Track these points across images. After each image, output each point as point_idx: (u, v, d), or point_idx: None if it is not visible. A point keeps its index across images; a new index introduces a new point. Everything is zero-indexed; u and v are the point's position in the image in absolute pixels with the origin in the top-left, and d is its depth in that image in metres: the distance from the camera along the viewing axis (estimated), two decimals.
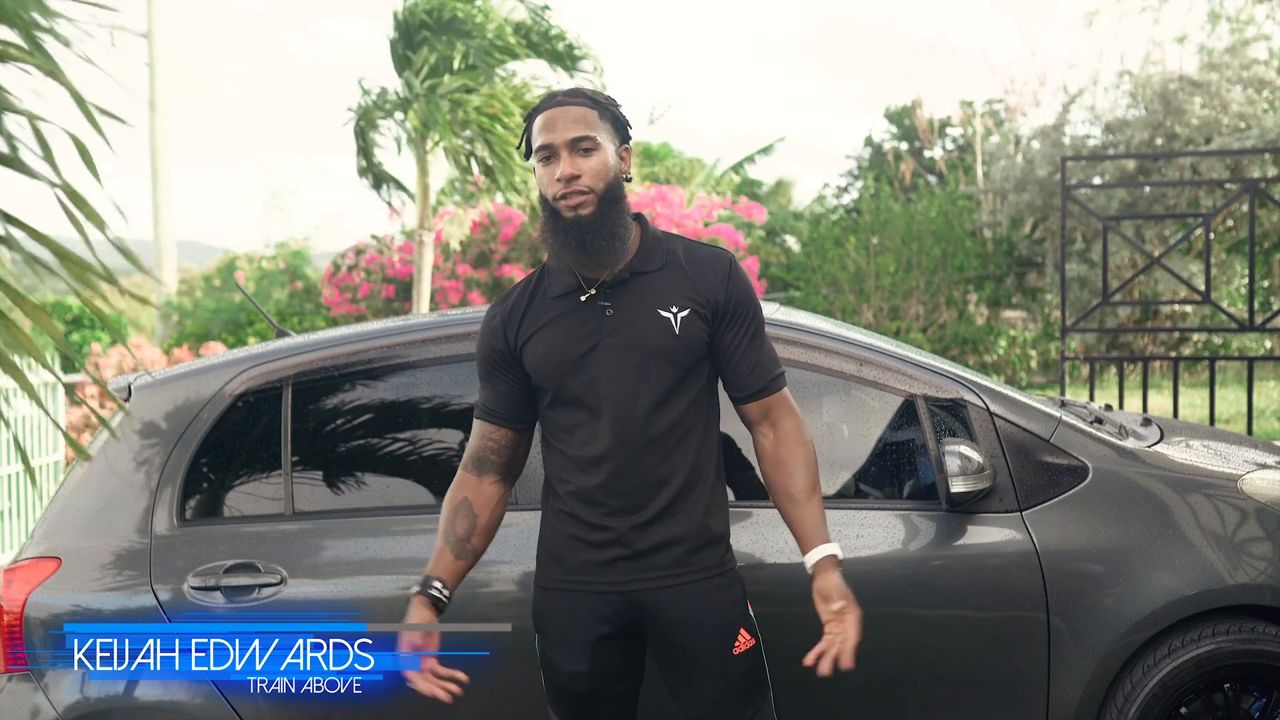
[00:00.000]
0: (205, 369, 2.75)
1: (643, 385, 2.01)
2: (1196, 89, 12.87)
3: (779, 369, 2.12)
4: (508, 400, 2.11)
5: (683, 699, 2.09)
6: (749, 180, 20.65)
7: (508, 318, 2.10)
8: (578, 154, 1.99)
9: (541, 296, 2.09)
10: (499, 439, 2.12)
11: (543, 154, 2.02)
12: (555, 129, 2.00)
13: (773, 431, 2.10)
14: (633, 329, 2.02)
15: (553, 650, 2.10)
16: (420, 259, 9.29)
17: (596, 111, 2.03)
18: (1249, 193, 6.26)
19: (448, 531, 2.11)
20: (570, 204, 1.99)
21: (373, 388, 2.73)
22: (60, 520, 2.64)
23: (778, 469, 2.08)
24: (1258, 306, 13.21)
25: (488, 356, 2.12)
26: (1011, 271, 14.70)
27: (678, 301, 2.04)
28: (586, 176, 1.99)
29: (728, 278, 2.07)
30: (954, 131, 22.48)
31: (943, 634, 2.57)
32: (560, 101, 2.03)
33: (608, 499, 2.03)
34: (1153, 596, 2.56)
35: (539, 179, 2.05)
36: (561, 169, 1.99)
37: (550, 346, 2.04)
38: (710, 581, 2.06)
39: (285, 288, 15.42)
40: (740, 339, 2.07)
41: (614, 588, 2.04)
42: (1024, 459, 2.62)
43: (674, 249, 2.09)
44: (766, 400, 2.09)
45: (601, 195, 2.00)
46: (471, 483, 2.13)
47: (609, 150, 2.02)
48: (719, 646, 2.05)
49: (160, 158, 16.74)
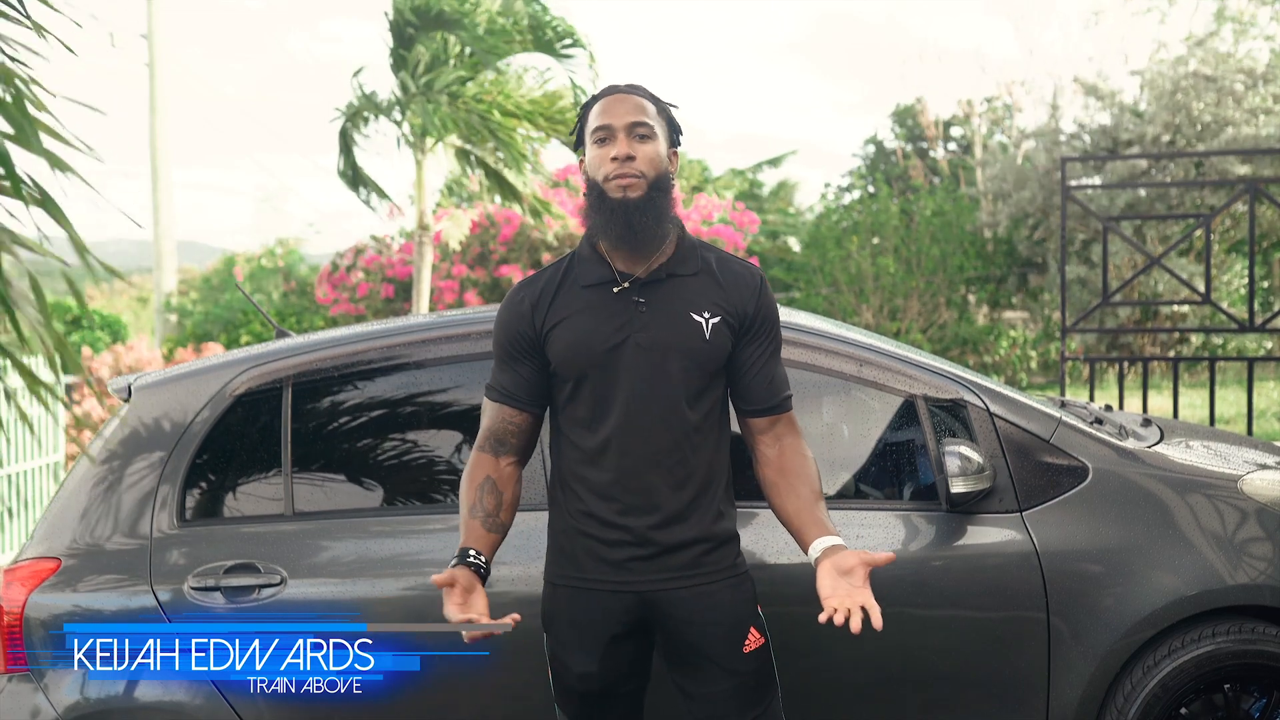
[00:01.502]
0: (205, 369, 2.75)
1: (668, 385, 2.02)
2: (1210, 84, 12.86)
3: (790, 390, 2.16)
4: (528, 384, 2.10)
5: (693, 697, 2.09)
6: (750, 181, 20.64)
7: (537, 301, 2.08)
8: (634, 139, 2.03)
9: (572, 283, 2.09)
10: (519, 422, 2.11)
11: (599, 135, 2.04)
12: (615, 112, 2.04)
13: (778, 444, 2.12)
14: (665, 328, 2.03)
15: (563, 649, 2.10)
16: (420, 259, 9.29)
17: (655, 106, 2.08)
18: (1249, 193, 6.26)
19: (475, 506, 2.06)
20: (621, 183, 2.01)
21: (373, 388, 2.73)
22: (60, 520, 2.64)
23: (783, 475, 2.09)
24: (1258, 307, 13.22)
25: (512, 339, 2.10)
26: (1012, 272, 14.70)
27: (709, 308, 2.06)
28: (641, 160, 2.02)
29: (758, 293, 2.11)
30: (956, 132, 22.48)
31: (943, 634, 2.57)
32: (622, 90, 2.08)
33: (623, 496, 2.03)
34: (1153, 597, 2.56)
35: (590, 161, 2.06)
36: (618, 148, 2.01)
37: (579, 335, 2.03)
38: (723, 581, 2.07)
39: (280, 287, 15.43)
40: (762, 354, 2.11)
41: (627, 587, 2.05)
42: (1024, 459, 2.62)
43: (708, 258, 2.12)
44: (776, 417, 2.12)
45: (652, 182, 2.03)
46: (490, 462, 2.10)
47: (662, 143, 2.07)
48: (730, 645, 2.06)
49: (160, 158, 16.72)
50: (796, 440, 2.13)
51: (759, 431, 2.13)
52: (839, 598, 1.92)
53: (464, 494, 2.09)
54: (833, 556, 1.97)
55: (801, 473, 2.08)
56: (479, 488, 2.08)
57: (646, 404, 2.02)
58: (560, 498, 2.11)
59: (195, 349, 11.23)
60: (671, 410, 2.02)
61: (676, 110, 2.15)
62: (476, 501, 2.07)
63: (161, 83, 16.61)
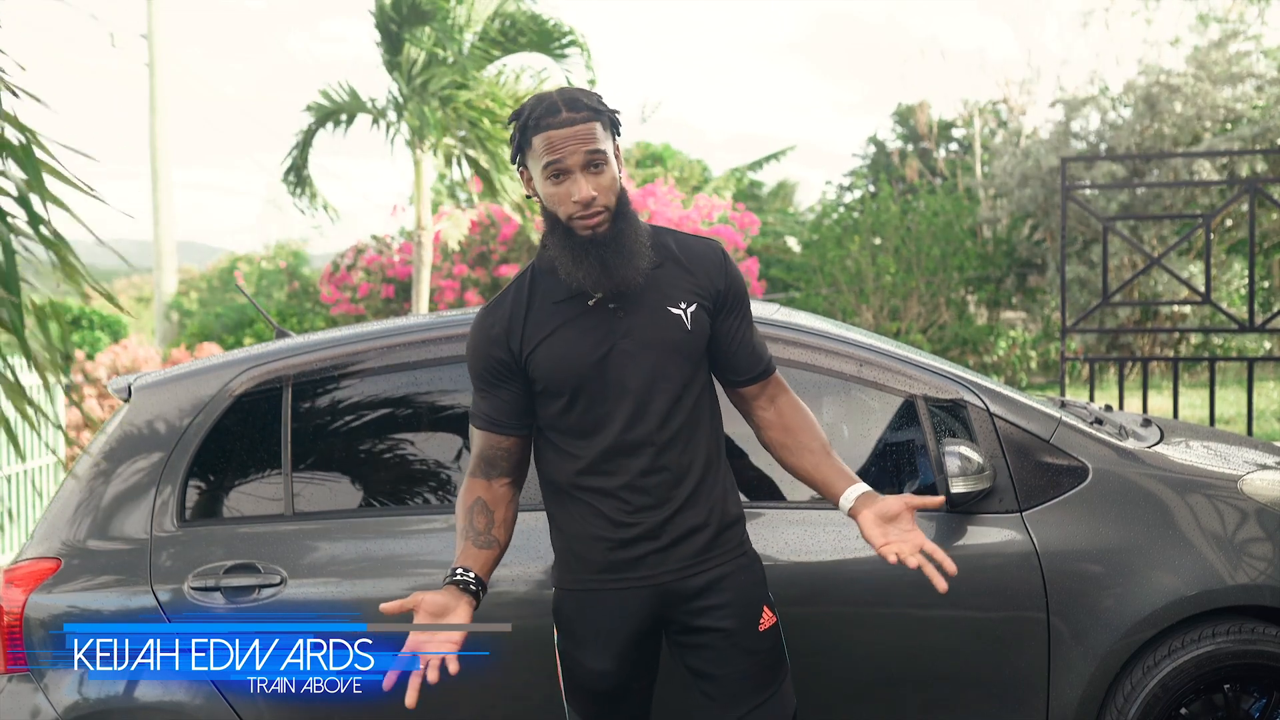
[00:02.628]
0: (206, 369, 2.75)
1: (661, 382, 2.03)
2: (1174, 93, 12.90)
3: (769, 351, 2.20)
4: (511, 408, 2.09)
5: (708, 679, 2.09)
6: (750, 181, 20.62)
7: (508, 325, 2.06)
8: (591, 172, 1.97)
9: (541, 301, 2.06)
10: (508, 446, 2.11)
11: (552, 171, 1.97)
12: (566, 148, 1.95)
13: (773, 405, 2.16)
14: (647, 328, 2.03)
15: (579, 649, 2.10)
16: (419, 259, 9.29)
17: (599, 123, 1.99)
18: (1248, 193, 6.26)
19: (466, 529, 2.08)
20: (588, 224, 1.97)
21: (373, 388, 2.73)
22: (60, 520, 2.64)
23: (789, 433, 2.14)
24: (1258, 307, 13.21)
25: (489, 367, 2.08)
26: (1011, 272, 14.69)
27: (684, 297, 2.06)
28: (601, 195, 1.97)
29: (724, 266, 2.11)
30: (958, 133, 22.47)
31: (943, 634, 2.57)
32: (565, 120, 1.95)
33: (632, 496, 2.04)
34: (1153, 597, 2.56)
35: (548, 196, 1.99)
36: (580, 192, 1.95)
37: (564, 352, 2.02)
38: (734, 562, 2.10)
39: (284, 288, 15.43)
40: (739, 325, 2.13)
41: (646, 582, 2.06)
42: (1024, 459, 2.62)
43: (666, 243, 2.10)
44: (766, 381, 2.16)
45: (615, 210, 2.00)
46: (482, 485, 2.11)
47: (613, 160, 2.02)
48: (746, 625, 2.08)
49: (160, 158, 16.72)
50: (789, 395, 2.18)
51: (753, 398, 2.16)
52: (895, 544, 1.97)
53: (457, 519, 2.11)
54: (873, 505, 2.01)
55: (806, 426, 2.14)
56: (469, 510, 2.10)
57: (643, 404, 2.03)
58: (566, 508, 2.10)
59: (189, 349, 11.22)
60: (667, 405, 2.03)
61: (606, 103, 2.04)
62: (468, 524, 2.09)
63: (161, 83, 16.61)
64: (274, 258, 16.07)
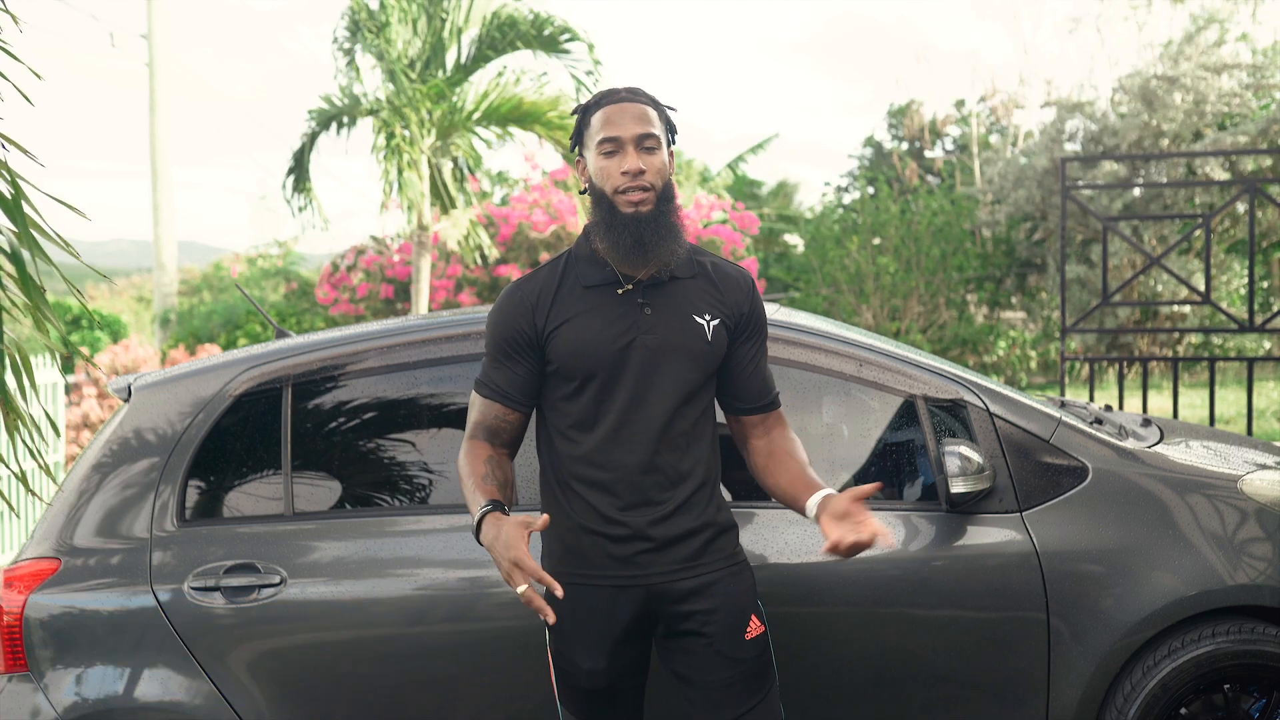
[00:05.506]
0: (205, 369, 2.75)
1: (671, 385, 2.06)
2: (1173, 85, 12.88)
3: (777, 388, 2.24)
4: (522, 383, 2.11)
5: (694, 685, 2.09)
6: (749, 181, 20.61)
7: (537, 301, 2.08)
8: (642, 151, 2.04)
9: (573, 284, 2.10)
10: (512, 420, 2.12)
11: (607, 147, 2.04)
12: (622, 124, 2.04)
13: (768, 435, 2.20)
14: (670, 330, 2.07)
15: (569, 646, 2.10)
16: (418, 259, 9.29)
17: (656, 112, 2.09)
18: (1248, 192, 6.26)
19: (487, 475, 2.03)
20: (632, 199, 2.03)
21: (373, 388, 2.73)
22: (60, 520, 2.64)
23: (772, 457, 2.16)
24: (1257, 307, 13.22)
25: (510, 337, 2.09)
26: (1011, 272, 14.69)
27: (710, 310, 2.11)
28: (650, 173, 2.04)
29: (751, 295, 2.17)
30: (954, 132, 22.47)
31: (943, 634, 2.57)
32: (624, 97, 2.07)
33: (627, 493, 2.05)
34: (1153, 597, 2.56)
35: (597, 171, 2.06)
36: (629, 163, 2.02)
37: (585, 336, 2.05)
38: (725, 570, 2.11)
39: (280, 288, 15.41)
40: (754, 354, 2.18)
41: (636, 581, 2.07)
42: (1024, 459, 2.63)
43: (703, 261, 2.16)
44: (768, 414, 2.19)
45: (660, 193, 2.05)
46: (487, 448, 2.10)
47: (666, 151, 2.09)
48: (731, 632, 2.08)
49: (160, 158, 16.70)
50: (785, 429, 2.21)
51: (751, 427, 2.20)
52: (842, 533, 1.92)
53: (469, 469, 2.06)
54: (828, 507, 2.00)
55: (790, 451, 2.16)
56: (485, 461, 2.07)
57: (651, 403, 2.05)
58: (560, 498, 2.11)
59: (188, 349, 11.21)
60: (670, 410, 2.06)
61: (674, 113, 2.17)
62: (488, 472, 2.05)
63: (161, 83, 16.59)
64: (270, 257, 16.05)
